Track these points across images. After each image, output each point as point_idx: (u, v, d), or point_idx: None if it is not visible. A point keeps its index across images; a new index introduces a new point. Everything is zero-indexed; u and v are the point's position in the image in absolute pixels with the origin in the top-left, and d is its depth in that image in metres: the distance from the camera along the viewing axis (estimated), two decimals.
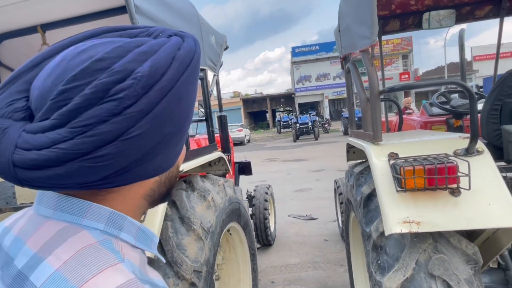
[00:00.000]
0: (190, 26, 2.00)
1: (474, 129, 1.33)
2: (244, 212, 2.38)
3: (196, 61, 0.44)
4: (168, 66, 0.39)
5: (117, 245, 0.41)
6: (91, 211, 0.42)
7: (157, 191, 0.49)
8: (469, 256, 1.32)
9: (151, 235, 0.48)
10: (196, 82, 0.45)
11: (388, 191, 1.36)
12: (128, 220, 0.44)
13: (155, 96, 0.38)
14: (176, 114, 0.41)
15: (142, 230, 0.46)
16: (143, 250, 0.47)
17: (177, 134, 0.43)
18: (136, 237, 0.45)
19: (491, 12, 2.77)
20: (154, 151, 0.41)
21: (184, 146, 0.52)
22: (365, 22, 1.58)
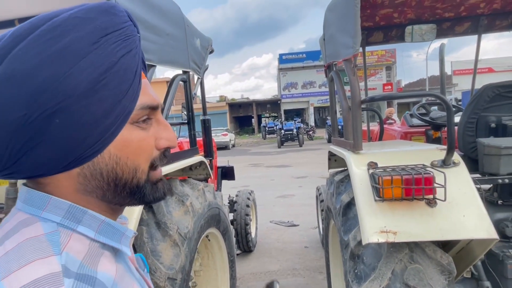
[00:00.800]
0: (174, 27, 1.98)
1: (450, 141, 1.36)
2: (224, 218, 2.35)
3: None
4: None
5: (65, 238, 0.41)
6: (51, 204, 0.43)
7: (90, 185, 0.45)
8: (443, 266, 1.34)
9: (121, 229, 0.48)
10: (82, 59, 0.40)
11: (367, 200, 1.36)
12: (88, 213, 0.45)
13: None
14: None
15: (108, 224, 0.46)
16: (105, 243, 0.46)
17: (66, 125, 0.39)
18: (99, 231, 0.45)
19: (469, 29, 2.86)
20: (33, 141, 0.39)
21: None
22: (348, 32, 1.60)
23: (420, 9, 2.68)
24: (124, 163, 0.45)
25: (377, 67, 33.35)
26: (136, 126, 0.46)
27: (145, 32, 1.64)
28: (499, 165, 1.63)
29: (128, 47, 0.43)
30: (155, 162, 0.49)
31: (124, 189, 0.46)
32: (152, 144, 0.48)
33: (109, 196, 0.46)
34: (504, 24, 2.81)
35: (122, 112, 0.43)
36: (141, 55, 0.48)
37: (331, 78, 2.15)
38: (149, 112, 0.48)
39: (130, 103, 0.44)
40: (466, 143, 1.93)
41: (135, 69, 0.44)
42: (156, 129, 0.49)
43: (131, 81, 0.44)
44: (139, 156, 0.46)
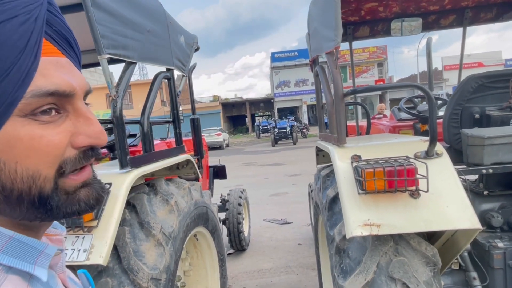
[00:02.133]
0: (155, 23, 1.94)
1: (433, 132, 1.35)
2: (213, 216, 2.32)
3: None
4: None
5: None
6: None
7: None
8: (428, 258, 1.33)
9: (38, 246, 0.38)
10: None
11: (350, 193, 1.35)
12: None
13: None
14: None
15: (17, 240, 0.37)
16: (10, 266, 0.36)
17: None
18: (4, 250, 0.36)
19: (454, 22, 2.87)
20: None
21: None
22: (330, 25, 1.58)
23: (405, 2, 2.67)
24: (11, 169, 0.34)
25: (369, 64, 33.52)
26: (32, 119, 0.35)
27: (124, 28, 1.61)
28: (482, 156, 1.63)
29: (8, 12, 0.33)
30: (64, 165, 0.38)
31: (21, 202, 0.36)
32: (59, 142, 0.37)
33: (8, 211, 0.36)
34: (488, 16, 2.82)
35: (0, 101, 0.33)
36: (55, 27, 0.39)
37: (316, 72, 2.14)
38: (58, 101, 0.37)
39: (14, 89, 0.33)
40: (451, 135, 1.92)
41: (24, 42, 0.33)
42: (73, 123, 0.38)
43: (15, 59, 0.33)
44: (35, 159, 0.35)
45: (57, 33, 0.39)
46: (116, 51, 1.51)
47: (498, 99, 1.86)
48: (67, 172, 0.38)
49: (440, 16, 2.86)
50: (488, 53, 34.02)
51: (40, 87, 0.35)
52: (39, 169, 0.36)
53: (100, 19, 1.41)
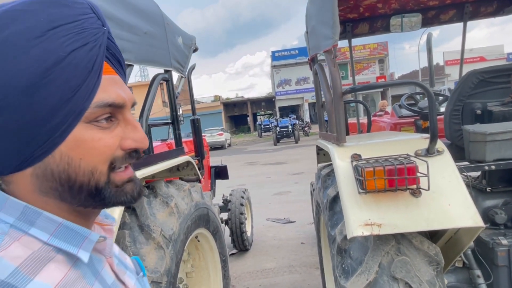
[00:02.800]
0: (152, 25, 1.93)
1: (433, 129, 1.33)
2: (214, 217, 2.32)
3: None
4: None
5: (9, 242, 0.40)
6: (7, 204, 0.42)
7: (44, 186, 0.43)
8: (431, 257, 1.32)
9: (83, 232, 0.45)
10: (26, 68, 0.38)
11: (351, 193, 1.34)
12: (44, 215, 0.43)
13: None
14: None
15: (66, 227, 0.44)
16: (60, 248, 0.43)
17: (9, 124, 0.38)
18: (55, 234, 0.43)
19: (455, 17, 2.84)
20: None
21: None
22: (327, 23, 1.57)
23: None
24: (76, 165, 0.42)
25: (370, 61, 33.39)
26: (94, 125, 0.43)
27: (120, 30, 1.60)
28: (485, 152, 1.61)
29: (82, 40, 0.41)
30: (115, 162, 0.46)
31: (81, 191, 0.44)
32: (112, 144, 0.45)
33: (68, 198, 0.44)
34: (489, 10, 2.79)
35: (72, 110, 0.40)
36: (111, 50, 0.46)
37: (315, 71, 2.12)
38: (113, 111, 0.45)
39: (83, 101, 0.41)
40: (452, 131, 1.90)
41: (92, 64, 0.41)
42: (122, 129, 0.47)
43: (85, 77, 0.41)
44: (94, 157, 0.43)
45: (112, 56, 0.47)
46: None
47: (500, 94, 1.84)
48: (116, 168, 0.46)
49: (440, 11, 2.84)
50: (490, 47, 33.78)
51: (102, 99, 0.43)
52: (96, 165, 0.44)
53: None
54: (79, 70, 0.40)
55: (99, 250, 0.50)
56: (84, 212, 0.47)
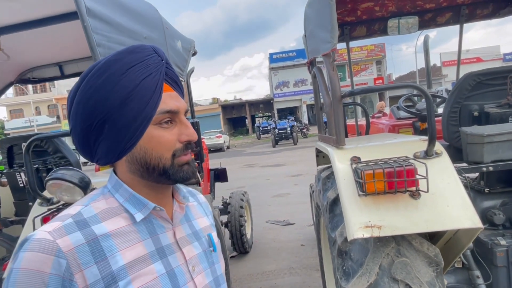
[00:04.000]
0: (151, 30, 1.94)
1: (431, 132, 1.34)
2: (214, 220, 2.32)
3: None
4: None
5: (101, 198, 0.65)
6: (111, 178, 0.68)
7: (132, 167, 0.65)
8: (430, 258, 1.33)
9: (145, 202, 0.66)
10: (112, 84, 0.61)
11: (351, 195, 1.35)
12: (123, 187, 0.66)
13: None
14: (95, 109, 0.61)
15: (134, 196, 0.65)
16: (127, 209, 0.65)
17: (112, 128, 0.61)
18: (128, 200, 0.65)
19: (451, 19, 2.87)
20: (97, 140, 0.63)
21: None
22: (326, 27, 1.58)
23: (401, 1, 2.68)
24: (150, 153, 0.63)
25: (367, 62, 33.51)
26: (159, 126, 0.64)
27: (120, 36, 1.61)
28: (482, 153, 1.62)
29: (148, 72, 0.62)
30: (176, 151, 0.65)
31: (154, 171, 0.64)
32: (171, 139, 0.65)
33: (146, 176, 0.65)
34: (485, 12, 2.82)
35: (146, 116, 0.62)
36: (168, 75, 0.66)
37: (314, 74, 2.14)
38: (171, 116, 0.65)
39: (151, 110, 0.62)
40: (450, 133, 1.92)
41: (155, 86, 0.62)
42: (179, 128, 0.66)
43: (151, 95, 0.62)
44: (161, 148, 0.64)
45: (170, 78, 0.67)
46: None
47: (497, 96, 1.86)
48: (177, 155, 0.65)
49: (437, 13, 2.86)
50: (487, 48, 33.97)
51: (163, 108, 0.64)
52: (163, 153, 0.64)
53: (96, 28, 1.41)
54: (148, 91, 0.61)
55: (165, 218, 0.69)
56: (157, 188, 0.68)
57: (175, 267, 0.67)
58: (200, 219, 0.80)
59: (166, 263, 0.65)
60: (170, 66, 0.68)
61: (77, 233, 0.57)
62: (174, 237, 0.69)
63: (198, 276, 0.70)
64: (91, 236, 0.58)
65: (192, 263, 0.70)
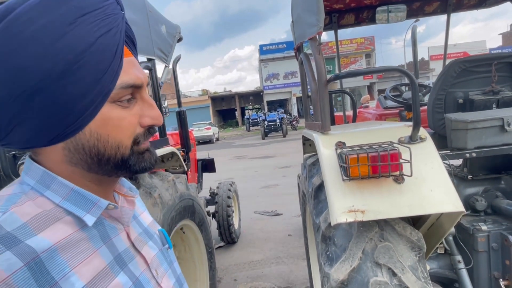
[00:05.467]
0: (133, 11, 1.87)
1: (416, 117, 1.34)
2: (199, 209, 2.29)
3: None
4: None
5: (24, 200, 0.45)
6: (31, 169, 0.48)
7: (75, 158, 0.48)
8: (413, 242, 1.33)
9: (92, 198, 0.50)
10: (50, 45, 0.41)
11: (335, 180, 1.33)
12: (58, 180, 0.48)
13: None
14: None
15: (77, 192, 0.49)
16: (70, 211, 0.48)
17: (46, 104, 0.42)
18: (67, 198, 0.48)
19: (439, 8, 2.87)
20: (18, 117, 0.43)
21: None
22: (312, 11, 1.55)
23: None
24: (105, 140, 0.47)
25: (357, 55, 33.63)
26: (118, 105, 0.48)
27: None
28: (466, 140, 1.63)
29: (107, 26, 0.44)
30: (138, 138, 0.51)
31: (108, 163, 0.49)
32: (134, 122, 0.50)
33: (95, 169, 0.49)
34: (472, 2, 2.83)
35: (100, 92, 0.44)
36: (127, 33, 0.50)
37: (301, 60, 2.11)
38: (133, 91, 0.49)
39: (109, 83, 0.45)
40: (435, 120, 1.93)
41: (115, 48, 0.45)
42: (140, 107, 0.51)
43: (110, 61, 0.44)
44: (120, 134, 0.48)
45: (128, 38, 0.51)
46: None
47: (481, 83, 1.87)
48: (141, 143, 0.52)
49: (425, 3, 2.86)
50: (473, 43, 34.53)
51: (125, 81, 0.48)
52: (122, 140, 0.49)
53: None
54: (105, 55, 0.44)
55: (115, 217, 0.55)
56: (105, 181, 0.53)
57: (139, 275, 0.55)
58: (143, 215, 0.67)
59: (129, 273, 0.53)
60: (127, 20, 0.51)
61: (7, 253, 0.39)
62: (129, 239, 0.56)
63: (163, 280, 0.61)
64: (30, 256, 0.40)
65: (154, 266, 0.59)
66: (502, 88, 1.86)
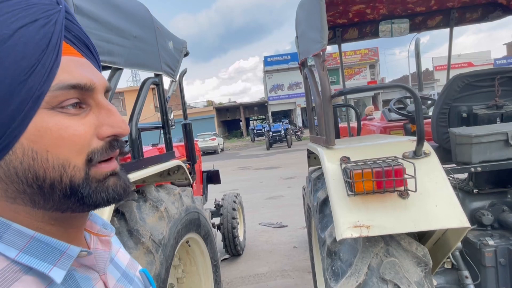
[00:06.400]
0: (142, 29, 1.93)
1: (420, 132, 1.35)
2: (205, 222, 2.30)
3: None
4: None
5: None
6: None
7: (10, 189, 0.37)
8: (419, 258, 1.33)
9: (59, 246, 0.39)
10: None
11: (340, 195, 1.35)
12: (12, 228, 0.37)
13: None
14: None
15: (39, 241, 0.38)
16: (31, 266, 0.37)
17: None
18: (26, 250, 0.37)
19: (441, 22, 2.90)
20: None
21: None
22: (316, 28, 1.59)
23: (392, 4, 2.70)
24: (43, 158, 0.36)
25: (361, 66, 33.79)
26: (59, 111, 0.38)
27: (109, 34, 1.59)
28: (471, 154, 1.64)
29: (30, 16, 0.36)
30: (93, 155, 0.40)
31: (53, 191, 0.37)
32: (82, 132, 0.39)
33: (40, 202, 0.38)
34: (474, 16, 2.86)
35: (29, 94, 0.35)
36: (74, 33, 0.42)
37: (305, 75, 2.14)
38: (81, 95, 0.39)
39: (40, 83, 0.36)
40: (439, 134, 1.93)
41: (46, 42, 0.37)
42: (96, 115, 0.41)
43: (39, 56, 0.36)
44: (64, 148, 0.37)
45: (76, 38, 0.42)
46: (101, 58, 1.50)
47: (485, 97, 1.88)
48: (95, 161, 0.40)
49: (427, 17, 2.90)
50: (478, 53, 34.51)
51: (63, 81, 0.38)
52: (68, 157, 0.38)
53: (83, 25, 1.39)
54: (30, 49, 0.35)
55: (89, 265, 0.44)
56: (64, 219, 0.41)
57: None
58: (119, 254, 0.56)
59: None
60: (75, 20, 0.43)
61: None
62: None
63: None
64: None
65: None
66: (506, 102, 1.87)
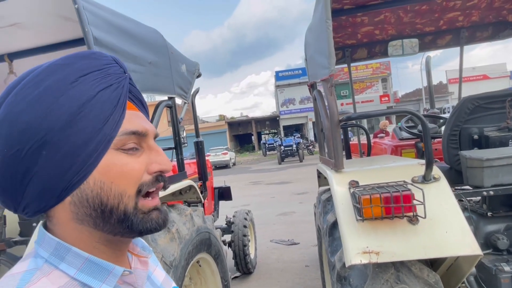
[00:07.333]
0: (156, 55, 2.02)
1: (428, 156, 1.35)
2: (216, 241, 2.32)
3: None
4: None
5: (39, 276, 0.44)
6: (45, 240, 0.47)
7: (80, 213, 0.47)
8: (431, 285, 1.31)
9: (107, 266, 0.48)
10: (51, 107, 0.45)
11: (349, 220, 1.35)
12: (72, 251, 0.46)
13: None
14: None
15: (92, 262, 0.47)
16: (85, 283, 0.46)
17: (53, 155, 0.44)
18: (82, 269, 0.46)
19: (451, 41, 2.91)
20: (29, 173, 0.44)
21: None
22: (323, 53, 1.63)
23: (400, 25, 2.73)
24: (108, 188, 0.47)
25: (373, 80, 33.67)
26: (122, 151, 0.48)
27: (126, 62, 1.67)
28: (482, 178, 1.62)
29: (107, 82, 0.48)
30: (142, 187, 0.50)
31: (111, 215, 0.47)
32: (138, 168, 0.49)
33: (100, 224, 0.48)
34: (485, 35, 2.86)
35: (103, 139, 0.46)
36: (134, 93, 0.54)
37: (315, 97, 2.17)
38: (137, 140, 0.50)
39: (111, 130, 0.47)
40: (450, 156, 1.92)
41: (116, 100, 0.48)
42: (147, 156, 0.52)
43: (111, 111, 0.47)
44: (124, 180, 0.48)
45: (135, 97, 0.55)
46: None
47: (496, 119, 1.86)
48: (143, 191, 0.50)
49: (437, 36, 2.91)
50: (493, 65, 33.93)
51: (127, 128, 0.49)
52: (125, 188, 0.48)
53: None
54: (106, 106, 0.47)
55: (129, 283, 0.53)
56: (114, 242, 0.51)
57: None
58: (156, 271, 0.64)
59: None
60: (133, 82, 0.55)
61: None
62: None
63: None
64: None
65: None
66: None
